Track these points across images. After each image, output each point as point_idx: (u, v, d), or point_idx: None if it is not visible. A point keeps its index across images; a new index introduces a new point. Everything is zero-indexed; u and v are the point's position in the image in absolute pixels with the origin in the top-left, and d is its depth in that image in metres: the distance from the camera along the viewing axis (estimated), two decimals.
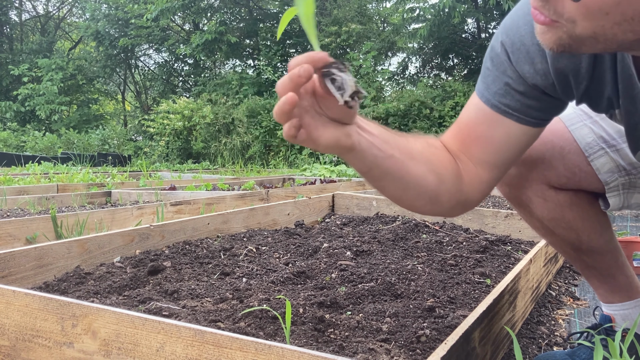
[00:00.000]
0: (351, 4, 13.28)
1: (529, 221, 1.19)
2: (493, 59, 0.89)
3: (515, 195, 1.14)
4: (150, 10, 14.28)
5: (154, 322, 0.84)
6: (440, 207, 0.91)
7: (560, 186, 1.11)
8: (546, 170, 1.11)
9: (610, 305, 1.16)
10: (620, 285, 1.16)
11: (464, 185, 0.91)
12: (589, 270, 1.17)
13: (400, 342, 1.03)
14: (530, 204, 1.13)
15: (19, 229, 2.22)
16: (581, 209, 1.13)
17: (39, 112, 15.82)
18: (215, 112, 11.83)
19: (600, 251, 1.14)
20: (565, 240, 1.15)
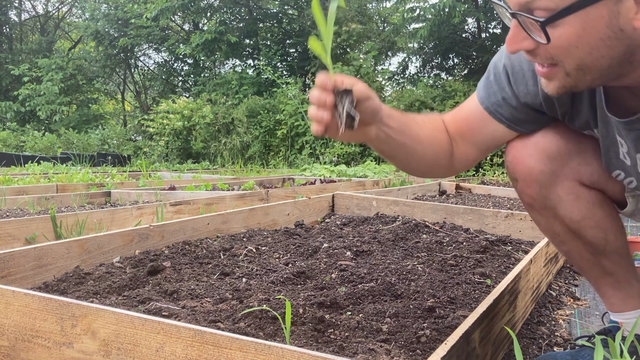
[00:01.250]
0: (351, 3, 13.29)
1: (548, 227, 1.15)
2: (496, 75, 1.08)
3: (544, 195, 1.10)
4: (150, 9, 14.27)
5: (153, 322, 0.84)
6: (433, 174, 1.20)
7: (591, 184, 1.10)
8: (581, 165, 1.10)
9: (623, 314, 1.15)
10: (635, 291, 1.15)
11: (454, 160, 1.16)
12: (606, 277, 1.15)
13: (401, 343, 1.03)
14: (559, 204, 1.10)
15: (19, 229, 2.22)
16: (609, 208, 1.12)
17: (40, 113, 15.81)
18: (215, 112, 11.83)
19: (622, 253, 1.14)
20: (591, 242, 1.12)
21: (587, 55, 0.81)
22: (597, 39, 0.79)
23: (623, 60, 0.82)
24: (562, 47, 0.81)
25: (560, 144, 1.09)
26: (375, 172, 7.05)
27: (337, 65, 10.82)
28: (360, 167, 7.72)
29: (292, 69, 14.79)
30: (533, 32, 0.82)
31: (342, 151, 9.69)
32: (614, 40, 0.79)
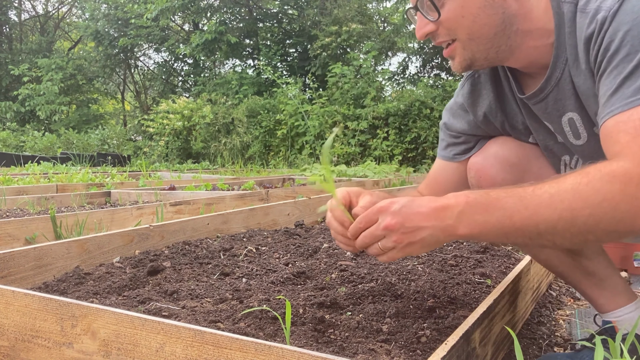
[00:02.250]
0: (351, 3, 13.28)
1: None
2: (443, 130, 1.30)
3: None
4: (150, 10, 14.26)
5: (153, 322, 0.84)
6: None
7: None
8: (542, 169, 1.15)
9: (613, 313, 1.14)
10: (619, 287, 1.15)
11: None
12: (589, 278, 1.16)
13: (401, 343, 1.03)
14: None
15: (19, 229, 2.22)
16: None
17: (40, 113, 15.80)
18: (215, 112, 11.82)
19: (599, 250, 1.15)
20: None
21: (472, 24, 0.97)
22: (476, 7, 0.96)
23: (505, 29, 0.98)
24: (452, 19, 0.98)
25: (518, 150, 1.15)
26: (375, 172, 7.05)
27: (337, 65, 10.82)
28: (361, 167, 7.72)
29: (292, 69, 14.78)
30: (429, 15, 1.00)
31: (342, 151, 9.69)
32: (490, 8, 0.96)
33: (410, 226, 0.91)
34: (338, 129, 1.59)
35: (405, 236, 0.91)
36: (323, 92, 11.08)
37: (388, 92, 11.96)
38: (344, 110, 10.15)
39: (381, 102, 10.41)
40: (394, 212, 0.92)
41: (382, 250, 0.94)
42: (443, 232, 0.90)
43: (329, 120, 10.22)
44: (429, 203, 0.91)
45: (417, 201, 0.92)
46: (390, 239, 0.92)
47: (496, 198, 0.87)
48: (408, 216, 0.91)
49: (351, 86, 10.48)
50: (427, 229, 0.90)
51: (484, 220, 0.87)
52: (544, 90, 1.03)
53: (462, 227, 0.88)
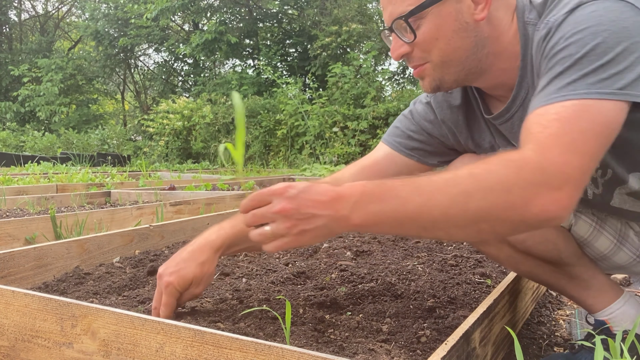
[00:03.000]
0: (351, 3, 13.28)
1: (501, 254, 1.17)
2: (401, 121, 1.28)
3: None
4: (150, 10, 14.26)
5: (153, 322, 0.84)
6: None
7: None
8: None
9: (603, 311, 1.14)
10: (605, 285, 1.15)
11: None
12: (573, 281, 1.15)
13: (401, 343, 1.03)
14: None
15: (18, 229, 2.22)
16: None
17: (39, 113, 15.79)
18: (215, 112, 11.82)
19: (578, 254, 1.14)
20: (545, 256, 1.14)
21: (446, 46, 0.99)
22: (450, 31, 0.98)
23: (477, 52, 1.00)
24: (426, 41, 0.99)
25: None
26: None
27: (337, 65, 10.82)
28: None
29: (292, 69, 14.78)
30: (404, 36, 1.01)
31: (342, 151, 9.69)
32: (464, 32, 0.98)
33: (305, 212, 0.86)
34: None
35: (299, 222, 0.87)
36: (323, 92, 11.07)
37: (388, 92, 11.97)
38: (344, 110, 10.15)
39: (381, 102, 10.41)
40: (290, 196, 0.87)
41: (273, 235, 0.89)
42: (337, 223, 0.86)
43: (329, 120, 10.22)
44: (326, 191, 0.87)
45: (314, 187, 0.88)
46: (283, 224, 0.87)
47: (392, 187, 0.85)
48: (305, 202, 0.86)
49: (351, 86, 10.48)
50: (322, 217, 0.86)
51: (378, 210, 0.85)
52: (510, 111, 1.05)
53: (356, 217, 0.85)
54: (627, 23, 0.82)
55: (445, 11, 0.97)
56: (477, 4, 0.98)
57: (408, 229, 0.86)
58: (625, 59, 0.81)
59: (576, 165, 0.79)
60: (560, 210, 0.79)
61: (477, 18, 0.98)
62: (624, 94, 0.81)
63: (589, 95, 0.81)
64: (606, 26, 0.83)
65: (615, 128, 0.82)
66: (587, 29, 0.84)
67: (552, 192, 0.78)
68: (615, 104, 0.81)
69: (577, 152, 0.79)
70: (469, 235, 0.88)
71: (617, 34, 0.82)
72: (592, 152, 0.80)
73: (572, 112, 0.81)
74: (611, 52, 0.81)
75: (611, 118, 0.81)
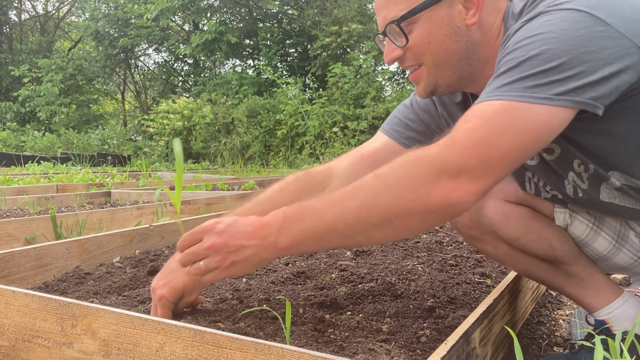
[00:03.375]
0: (351, 3, 13.28)
1: (497, 251, 1.17)
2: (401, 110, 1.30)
3: (477, 220, 1.14)
4: (151, 10, 14.26)
5: (153, 322, 0.84)
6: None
7: (517, 200, 1.14)
8: (504, 183, 1.14)
9: (602, 310, 1.14)
10: (603, 283, 1.14)
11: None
12: (571, 280, 1.15)
13: (401, 343, 1.03)
14: (493, 226, 1.13)
15: (19, 229, 2.22)
16: (542, 218, 1.14)
17: (40, 114, 15.79)
18: (215, 112, 11.82)
19: (574, 253, 1.14)
20: (540, 254, 1.14)
21: (438, 49, 1.01)
22: (442, 35, 1.00)
23: (468, 57, 1.02)
24: (419, 45, 1.01)
25: None
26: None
27: (337, 65, 10.82)
28: None
29: (292, 69, 14.78)
30: (397, 40, 1.03)
31: (342, 151, 9.69)
32: (455, 36, 1.00)
33: (234, 245, 0.93)
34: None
35: (230, 255, 0.93)
36: (323, 92, 11.08)
37: (388, 92, 11.98)
38: (344, 110, 10.15)
39: (381, 102, 10.41)
40: (218, 231, 0.94)
41: (206, 269, 0.95)
42: (266, 250, 0.92)
43: (329, 120, 10.22)
44: (252, 222, 0.94)
45: (241, 221, 0.95)
46: (214, 259, 0.94)
47: (309, 205, 0.91)
48: (233, 235, 0.93)
49: (351, 86, 10.48)
50: (251, 247, 0.92)
51: (300, 229, 0.90)
52: None
53: (282, 240, 0.91)
54: (580, 32, 0.83)
55: (437, 16, 0.99)
56: (469, 9, 1.00)
57: (330, 241, 0.91)
58: (571, 67, 0.82)
59: (479, 156, 0.82)
60: (461, 196, 0.82)
61: (469, 23, 1.00)
62: (562, 99, 0.82)
63: (519, 97, 0.83)
64: (556, 34, 0.84)
65: (545, 131, 0.83)
66: (537, 36, 0.85)
67: (450, 180, 0.82)
68: (548, 109, 0.82)
69: (484, 145, 0.82)
70: (387, 234, 0.90)
71: (566, 42, 0.82)
72: (505, 148, 0.82)
73: (495, 110, 0.84)
74: (556, 59, 0.82)
75: (540, 121, 0.82)
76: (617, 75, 0.83)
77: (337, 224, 0.88)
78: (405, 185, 0.84)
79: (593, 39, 0.82)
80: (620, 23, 0.83)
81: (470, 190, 0.83)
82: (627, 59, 0.83)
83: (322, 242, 0.91)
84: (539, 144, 0.85)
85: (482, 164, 0.82)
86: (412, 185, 0.84)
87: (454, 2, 1.00)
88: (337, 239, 0.90)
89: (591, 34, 0.82)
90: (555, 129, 0.84)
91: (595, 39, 0.82)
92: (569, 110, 0.83)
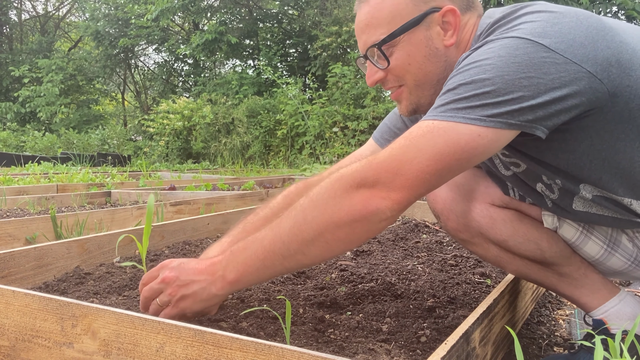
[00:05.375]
0: (351, 3, 13.27)
1: (488, 253, 1.19)
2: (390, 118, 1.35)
3: (465, 224, 1.16)
4: (151, 10, 14.25)
5: (153, 322, 0.84)
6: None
7: (503, 204, 1.16)
8: (489, 187, 1.17)
9: (598, 310, 1.13)
10: (598, 282, 1.14)
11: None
12: (564, 279, 1.15)
13: (401, 343, 1.03)
14: (481, 229, 1.14)
15: (19, 229, 2.22)
16: (529, 220, 1.15)
17: (40, 114, 15.79)
18: (215, 112, 11.82)
19: (565, 254, 1.14)
20: (528, 256, 1.14)
21: (418, 71, 1.05)
22: (422, 56, 1.04)
23: (447, 76, 0.99)
24: (400, 67, 1.05)
25: (465, 171, 1.16)
26: None
27: (338, 65, 10.82)
28: None
29: (292, 69, 14.78)
30: (379, 63, 1.06)
31: (342, 151, 9.69)
32: (434, 57, 1.04)
33: (185, 279, 1.00)
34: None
35: (180, 289, 1.00)
36: (323, 92, 11.08)
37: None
38: (344, 110, 10.15)
39: (381, 102, 10.40)
40: (172, 267, 1.03)
41: (160, 305, 1.02)
42: (214, 285, 0.98)
43: (329, 120, 10.22)
44: (203, 261, 1.02)
45: (193, 260, 1.04)
46: (166, 292, 1.01)
47: (253, 236, 0.98)
48: (184, 270, 1.01)
49: (351, 86, 10.47)
50: (200, 282, 0.99)
51: (244, 257, 0.96)
52: None
53: (229, 273, 0.97)
54: (518, 59, 0.84)
55: (416, 38, 1.03)
56: (446, 31, 1.04)
57: (272, 265, 0.95)
58: (508, 92, 0.84)
59: (392, 169, 0.87)
60: (378, 204, 0.87)
61: (447, 44, 1.04)
62: (492, 121, 0.84)
63: (447, 117, 0.86)
64: (493, 61, 0.86)
65: (468, 150, 0.86)
66: (477, 62, 0.88)
67: (368, 189, 0.88)
68: (473, 128, 0.84)
69: (400, 161, 0.87)
70: (323, 249, 0.93)
71: (501, 68, 0.85)
72: (421, 164, 0.86)
73: (421, 130, 0.88)
74: (489, 85, 0.84)
75: (462, 140, 0.85)
76: (563, 99, 0.84)
77: (275, 244, 0.93)
78: (329, 199, 0.90)
79: (533, 65, 0.84)
80: (568, 49, 0.84)
81: (387, 197, 0.87)
82: (574, 84, 0.84)
83: (265, 267, 0.95)
84: (462, 162, 0.87)
85: (396, 177, 0.87)
86: (335, 198, 0.90)
87: (431, 24, 1.03)
88: (278, 260, 0.94)
89: (530, 60, 0.84)
90: (480, 148, 0.86)
91: (536, 65, 0.84)
92: (500, 132, 0.85)
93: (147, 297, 1.04)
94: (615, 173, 0.94)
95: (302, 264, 0.96)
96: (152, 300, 1.03)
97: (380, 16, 1.04)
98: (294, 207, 0.95)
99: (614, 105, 0.87)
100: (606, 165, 0.94)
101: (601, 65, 0.85)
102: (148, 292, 1.04)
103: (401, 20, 1.02)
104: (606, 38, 0.87)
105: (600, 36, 0.87)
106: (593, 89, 0.85)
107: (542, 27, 0.87)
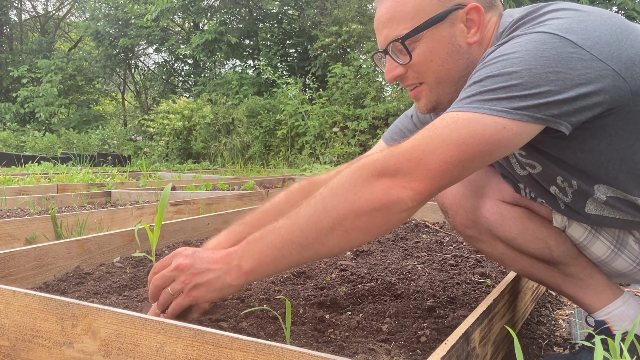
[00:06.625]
0: (351, 4, 13.27)
1: (494, 251, 1.18)
2: (402, 121, 1.36)
3: (473, 220, 1.15)
4: (151, 11, 14.26)
5: (153, 322, 0.84)
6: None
7: (514, 201, 1.15)
8: (500, 184, 1.17)
9: (602, 311, 1.13)
10: (602, 283, 1.14)
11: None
12: (569, 280, 1.15)
13: (401, 342, 1.03)
14: (490, 225, 1.14)
15: (19, 229, 2.22)
16: (539, 218, 1.15)
17: (39, 114, 15.78)
18: (215, 112, 11.82)
19: (572, 254, 1.14)
20: (536, 255, 1.14)
21: (440, 68, 1.03)
22: (445, 53, 1.02)
23: (468, 74, 1.01)
24: (422, 63, 1.03)
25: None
26: None
27: (338, 65, 10.82)
28: None
29: (292, 69, 14.78)
30: (400, 58, 1.05)
31: (342, 151, 9.69)
32: (457, 54, 1.03)
33: (199, 267, 0.98)
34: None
35: (194, 277, 0.98)
36: (323, 92, 11.07)
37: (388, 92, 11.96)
38: (344, 110, 10.14)
39: (381, 102, 10.40)
40: (186, 254, 1.01)
41: (172, 293, 1.00)
42: (229, 274, 0.96)
43: (329, 120, 10.22)
44: (219, 250, 1.01)
45: (208, 249, 1.03)
46: (179, 280, 0.99)
47: (270, 225, 0.96)
48: (199, 258, 0.99)
49: (351, 86, 10.47)
50: (215, 271, 0.97)
51: (261, 247, 0.95)
52: None
53: (245, 263, 0.95)
54: (545, 53, 0.84)
55: (440, 34, 1.01)
56: (470, 28, 1.03)
57: (290, 254, 0.93)
58: (535, 85, 0.83)
59: (415, 159, 0.86)
60: (399, 193, 0.86)
61: (470, 41, 1.03)
62: (518, 114, 0.83)
63: (472, 109, 0.85)
64: (520, 55, 0.85)
65: (492, 142, 0.84)
66: (504, 56, 0.87)
67: (389, 179, 0.87)
68: (498, 120, 0.84)
69: (423, 150, 0.86)
70: (341, 238, 0.91)
71: (529, 62, 0.84)
72: (444, 154, 0.85)
73: (445, 122, 0.87)
74: (517, 78, 0.84)
75: (487, 132, 0.84)
76: (587, 96, 0.84)
77: (293, 233, 0.92)
78: (350, 187, 0.89)
79: (560, 60, 0.83)
80: (594, 46, 0.84)
81: (408, 187, 0.86)
82: (599, 81, 0.84)
83: (282, 257, 0.93)
84: (485, 154, 0.86)
85: (419, 167, 0.86)
86: (356, 186, 0.89)
87: (455, 21, 1.02)
88: (296, 250, 0.92)
89: (558, 55, 0.84)
90: (504, 141, 0.85)
91: (563, 60, 0.83)
92: (525, 125, 0.84)
93: (158, 285, 1.02)
94: (632, 173, 0.94)
95: (320, 254, 0.94)
96: (163, 289, 1.01)
97: (404, 10, 1.02)
98: (313, 196, 0.93)
99: (635, 104, 0.87)
100: (624, 164, 0.93)
101: (625, 64, 0.85)
102: (159, 280, 1.02)
103: (425, 15, 1.01)
104: (630, 37, 0.87)
105: (624, 35, 0.87)
106: (617, 87, 0.85)
107: (568, 23, 0.87)
